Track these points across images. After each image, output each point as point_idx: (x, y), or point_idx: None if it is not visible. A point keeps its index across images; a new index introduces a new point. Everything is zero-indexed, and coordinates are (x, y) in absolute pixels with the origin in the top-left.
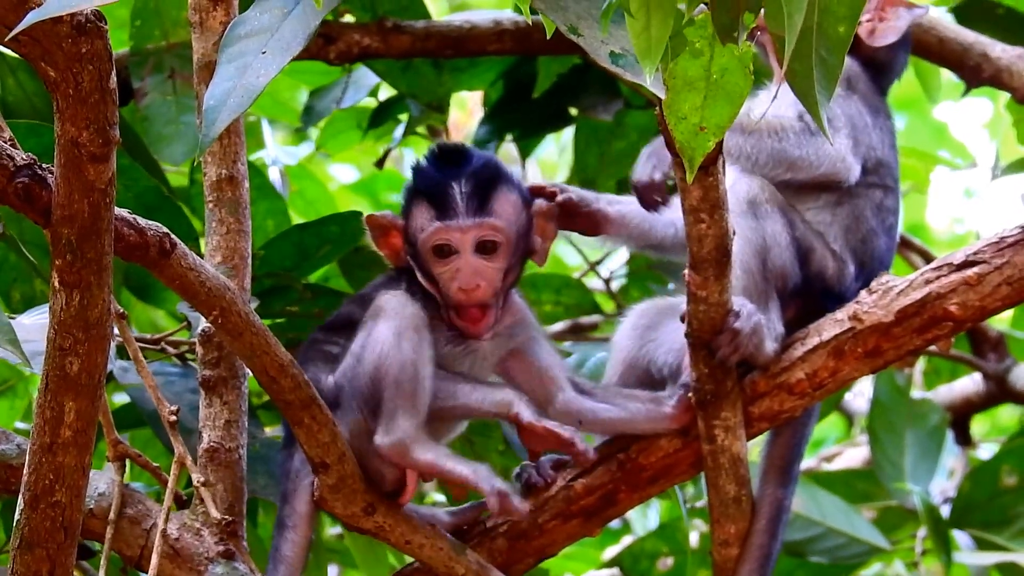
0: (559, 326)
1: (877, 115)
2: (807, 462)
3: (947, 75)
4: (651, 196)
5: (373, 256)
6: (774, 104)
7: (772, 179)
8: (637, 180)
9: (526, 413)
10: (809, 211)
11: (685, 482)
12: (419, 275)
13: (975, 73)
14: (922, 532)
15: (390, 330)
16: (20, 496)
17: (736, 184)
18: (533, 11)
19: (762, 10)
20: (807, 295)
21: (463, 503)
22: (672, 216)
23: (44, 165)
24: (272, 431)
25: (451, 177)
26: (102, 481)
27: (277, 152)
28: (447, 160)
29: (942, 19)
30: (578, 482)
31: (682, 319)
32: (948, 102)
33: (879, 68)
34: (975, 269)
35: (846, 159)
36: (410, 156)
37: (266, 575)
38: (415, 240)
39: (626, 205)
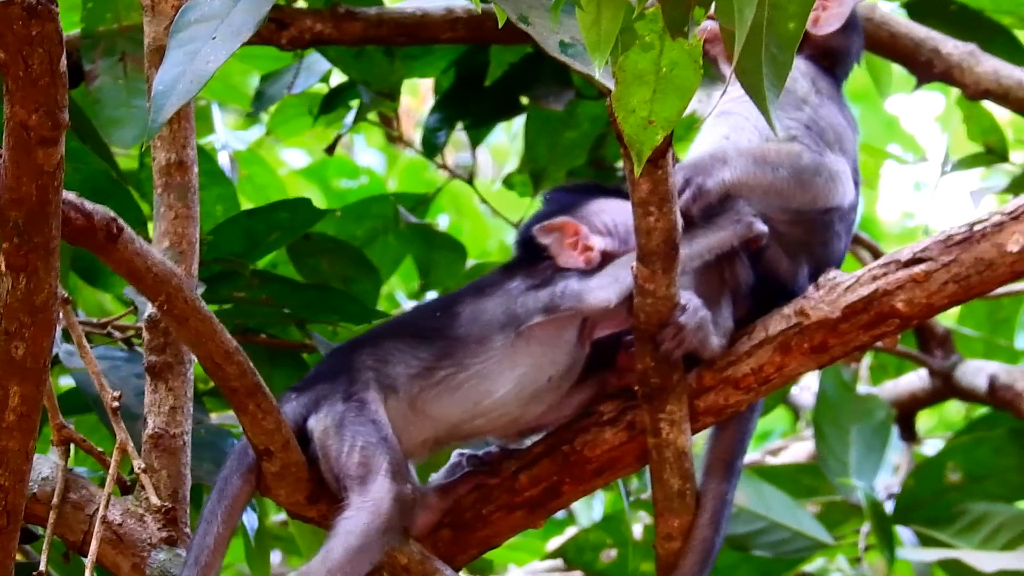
0: None
1: (843, 110)
2: (752, 455)
3: (899, 68)
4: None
5: (322, 243)
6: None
7: (798, 208)
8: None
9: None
10: (775, 212)
11: (630, 475)
12: None
13: (927, 69)
14: (866, 528)
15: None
16: None
17: None
18: (484, 0)
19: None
20: (760, 292)
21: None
22: None
23: None
24: (217, 417)
25: None
26: (46, 466)
27: (227, 137)
28: None
29: (894, 14)
30: (523, 473)
31: (629, 312)
32: (900, 95)
33: (834, 58)
34: (922, 266)
35: (846, 188)
36: (360, 142)
37: (204, 505)
38: None
39: None
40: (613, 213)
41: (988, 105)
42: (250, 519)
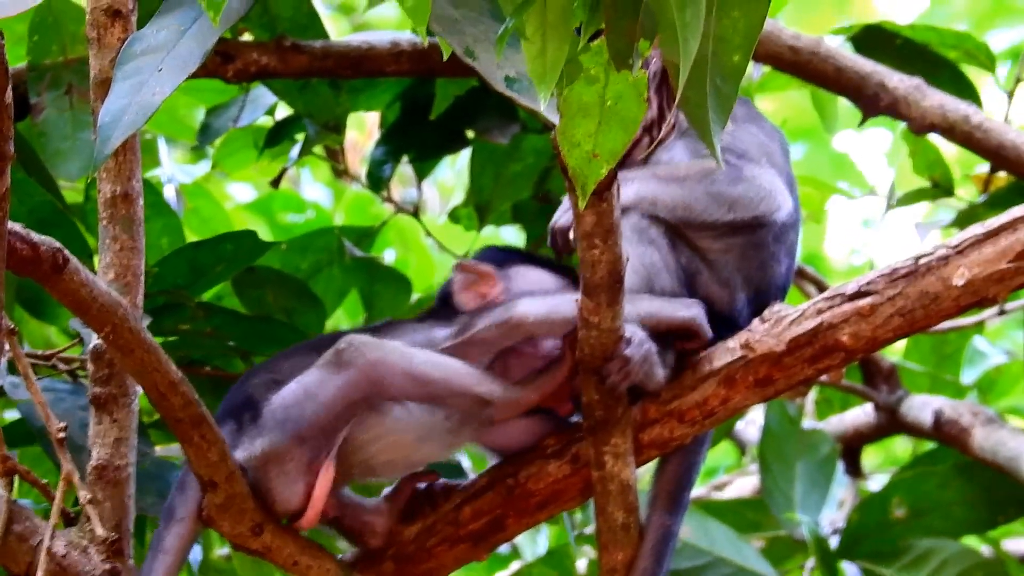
0: None
1: (764, 128)
2: (698, 490)
3: (847, 104)
4: (562, 240)
5: (267, 276)
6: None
7: (714, 222)
8: (554, 223)
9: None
10: (704, 238)
11: (574, 508)
12: None
13: (872, 103)
14: (810, 563)
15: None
16: None
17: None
18: (430, 33)
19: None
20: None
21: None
22: None
23: None
24: (162, 449)
25: None
26: None
27: (173, 170)
28: None
29: (840, 48)
30: (466, 506)
31: (572, 344)
32: (848, 131)
33: None
34: (867, 300)
35: (777, 197)
36: (307, 177)
37: (143, 565)
38: None
39: None
40: (532, 286)
41: (934, 139)
42: (193, 552)
